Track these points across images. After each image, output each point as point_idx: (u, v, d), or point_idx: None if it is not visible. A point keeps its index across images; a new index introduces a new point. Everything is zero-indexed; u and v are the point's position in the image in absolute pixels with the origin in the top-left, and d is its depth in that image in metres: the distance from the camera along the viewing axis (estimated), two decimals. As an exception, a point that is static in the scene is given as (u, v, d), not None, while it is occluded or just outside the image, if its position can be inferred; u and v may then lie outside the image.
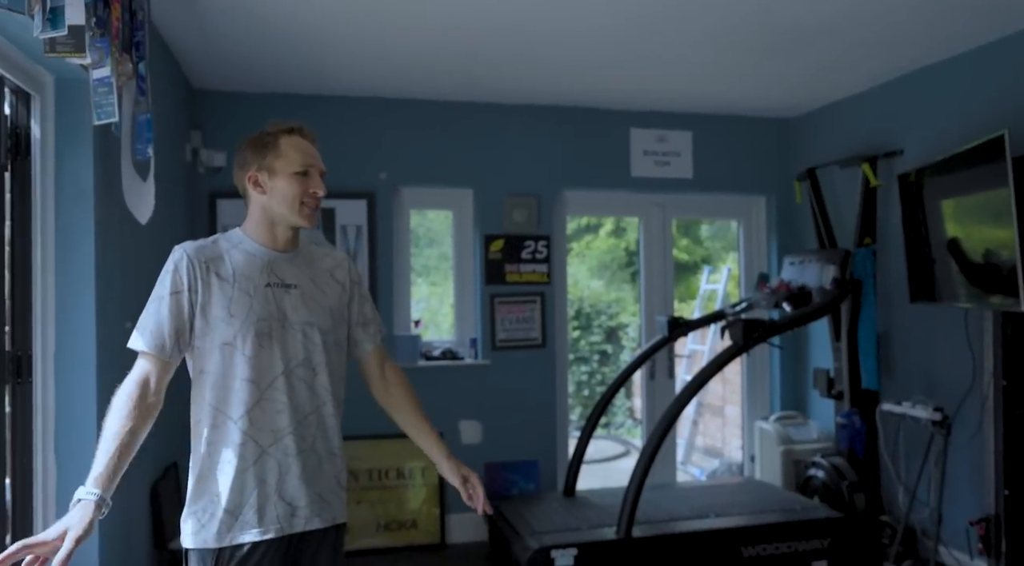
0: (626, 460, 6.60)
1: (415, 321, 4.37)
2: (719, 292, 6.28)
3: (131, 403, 1.64)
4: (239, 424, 1.72)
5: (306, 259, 1.88)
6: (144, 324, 1.71)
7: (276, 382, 1.75)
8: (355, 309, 1.94)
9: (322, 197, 1.83)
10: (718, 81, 3.99)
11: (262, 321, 1.74)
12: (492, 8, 2.97)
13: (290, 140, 1.81)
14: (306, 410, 1.79)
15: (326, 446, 1.83)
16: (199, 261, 1.73)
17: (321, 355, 1.82)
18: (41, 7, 1.68)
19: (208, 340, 1.73)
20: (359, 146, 4.19)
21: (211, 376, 1.73)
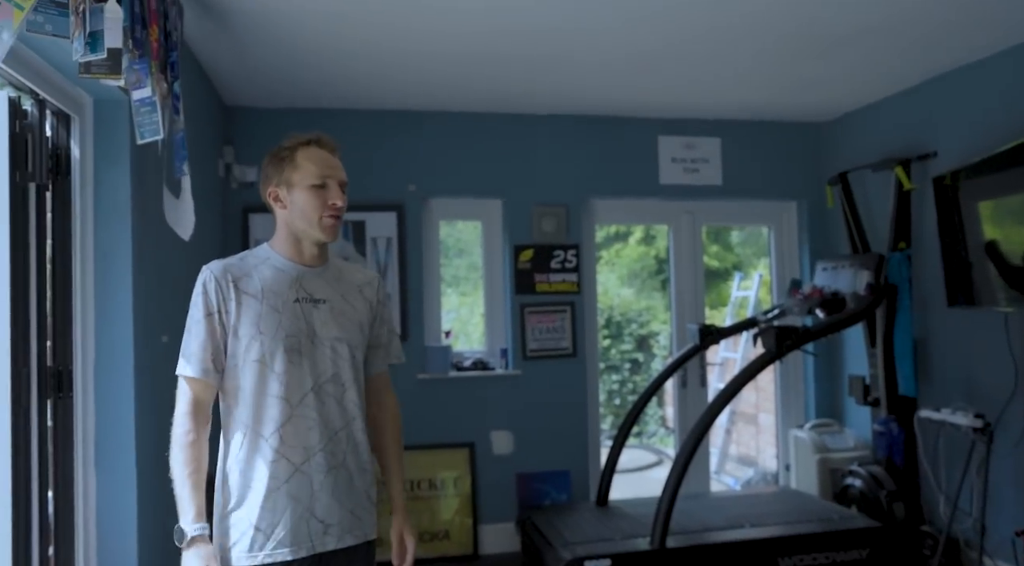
0: (659, 470, 6.54)
1: (446, 332, 4.39)
2: (751, 299, 6.21)
3: (190, 438, 1.68)
4: (270, 442, 1.72)
5: (335, 274, 1.88)
6: (187, 350, 1.73)
7: (306, 399, 1.75)
8: (375, 330, 1.93)
9: (342, 208, 1.80)
10: (748, 87, 3.96)
11: (291, 337, 1.74)
12: (520, 20, 2.99)
13: (307, 152, 1.79)
14: (336, 426, 1.78)
15: (357, 462, 1.83)
16: (226, 280, 1.74)
17: (350, 371, 1.82)
18: (82, 32, 1.72)
19: (239, 358, 1.73)
20: (388, 159, 4.23)
21: (242, 393, 1.73)
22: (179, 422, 1.70)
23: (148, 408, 2.45)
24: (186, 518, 1.64)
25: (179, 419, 1.70)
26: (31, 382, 2.13)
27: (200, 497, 1.66)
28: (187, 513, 1.64)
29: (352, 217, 4.16)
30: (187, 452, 1.67)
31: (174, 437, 1.69)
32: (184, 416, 1.70)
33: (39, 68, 2.10)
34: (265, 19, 2.90)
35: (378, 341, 1.94)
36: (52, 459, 2.22)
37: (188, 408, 1.70)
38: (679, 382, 4.67)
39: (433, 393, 4.20)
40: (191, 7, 2.71)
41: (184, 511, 1.65)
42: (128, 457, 2.35)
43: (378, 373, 1.96)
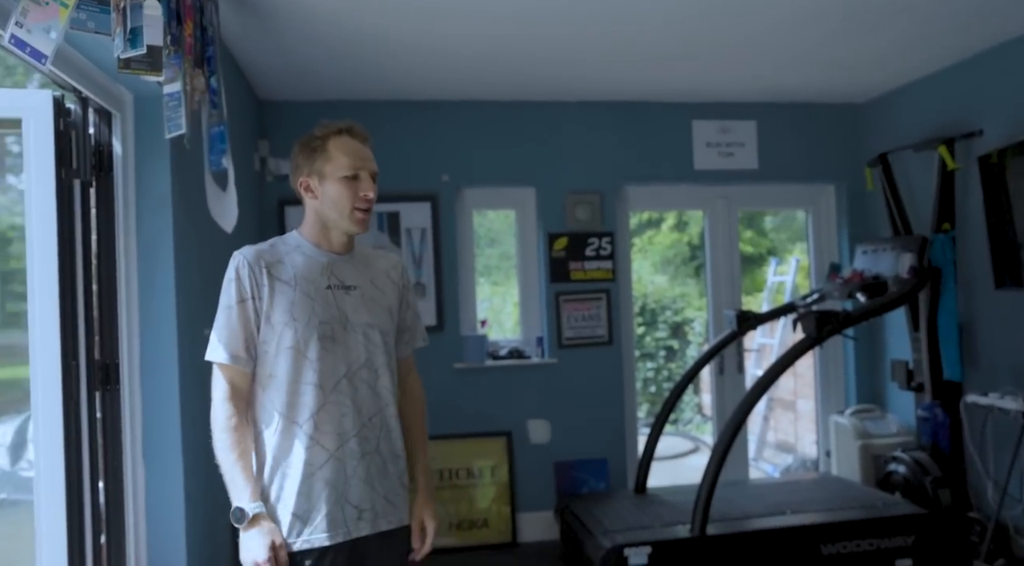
0: (695, 457, 6.51)
1: (481, 321, 4.39)
2: (788, 284, 6.13)
3: (233, 422, 1.70)
4: (304, 428, 1.73)
5: (363, 260, 1.89)
6: (218, 336, 1.74)
7: (340, 385, 1.75)
8: (401, 314, 1.94)
9: (373, 199, 1.79)
10: (784, 68, 3.89)
11: (324, 324, 1.75)
12: (555, 8, 2.96)
13: (339, 142, 1.79)
14: (370, 412, 1.79)
15: (390, 448, 1.84)
16: (259, 266, 1.75)
17: (382, 356, 1.82)
18: (122, 28, 1.74)
19: (272, 345, 1.74)
20: (421, 149, 4.23)
21: (275, 380, 1.74)
22: (218, 408, 1.72)
23: (192, 400, 2.49)
24: (242, 498, 1.66)
25: (218, 405, 1.72)
26: (80, 375, 2.18)
27: (251, 476, 1.69)
28: (243, 493, 1.66)
29: (386, 208, 4.18)
30: (232, 435, 1.69)
31: (215, 423, 1.71)
32: (223, 402, 1.72)
33: (81, 66, 2.13)
34: (297, 11, 2.91)
35: (404, 325, 1.95)
36: (102, 450, 2.27)
37: (226, 394, 1.72)
38: (716, 369, 4.63)
39: (470, 382, 4.21)
40: (225, 1, 2.73)
41: (239, 491, 1.67)
42: (175, 448, 2.40)
43: (403, 356, 1.97)
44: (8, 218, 2.92)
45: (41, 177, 2.09)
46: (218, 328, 1.74)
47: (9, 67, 4.30)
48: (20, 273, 2.75)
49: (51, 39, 1.38)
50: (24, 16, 1.38)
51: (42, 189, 2.09)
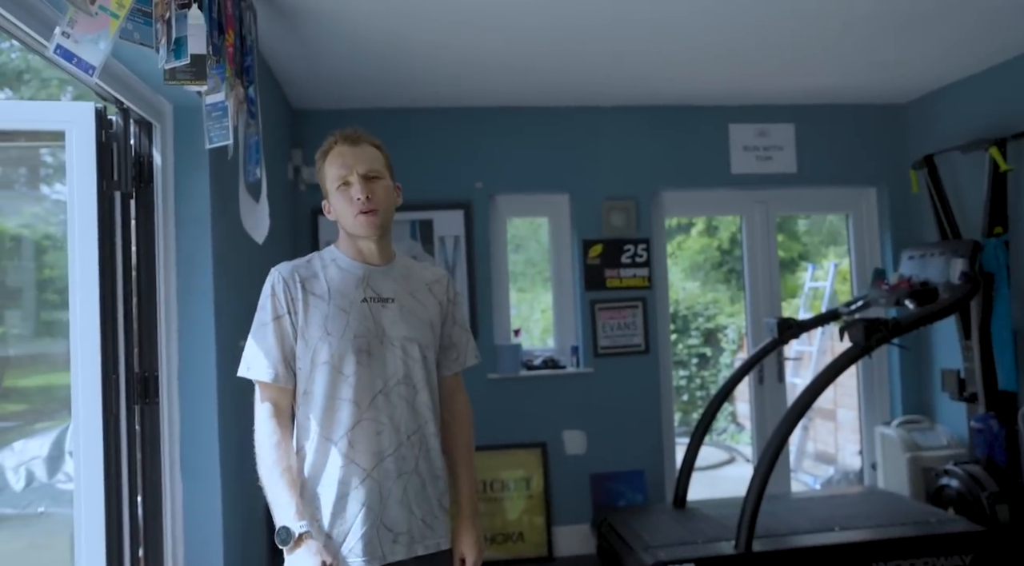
0: (731, 468, 6.39)
1: (515, 330, 4.33)
2: (826, 290, 6.00)
3: (275, 439, 1.66)
4: (339, 446, 1.67)
5: (403, 271, 1.83)
6: (255, 353, 1.70)
7: (376, 401, 1.69)
8: (445, 330, 1.87)
9: (364, 198, 1.70)
10: (824, 69, 3.80)
11: (359, 337, 1.69)
12: (584, 12, 2.91)
13: (331, 155, 1.76)
14: (408, 430, 1.73)
15: (429, 468, 1.76)
16: (294, 281, 1.71)
17: (421, 371, 1.76)
18: (167, 39, 1.71)
19: (307, 361, 1.70)
20: (454, 156, 4.19)
21: (310, 397, 1.70)
22: (261, 427, 1.68)
23: (229, 414, 2.46)
24: (287, 516, 1.60)
25: (261, 424, 1.68)
26: (120, 387, 2.15)
27: (297, 494, 1.63)
28: (287, 511, 1.60)
29: (420, 216, 4.14)
30: (275, 452, 1.64)
31: (259, 442, 1.67)
32: (265, 420, 1.68)
33: (122, 77, 2.11)
34: (331, 20, 2.88)
35: (450, 341, 1.88)
36: (140, 464, 2.24)
37: (268, 412, 1.68)
38: (755, 378, 4.52)
39: (504, 393, 4.15)
40: (261, 10, 2.71)
41: (284, 510, 1.61)
42: (212, 462, 2.36)
43: (450, 375, 1.90)
44: (43, 228, 2.91)
45: (83, 188, 2.07)
46: (255, 345, 1.70)
47: (44, 80, 4.33)
48: (54, 282, 2.74)
49: (100, 50, 1.35)
50: (71, 27, 1.34)
51: (83, 200, 2.07)
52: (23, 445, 3.04)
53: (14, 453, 3.09)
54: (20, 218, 2.94)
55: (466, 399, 1.94)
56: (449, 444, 1.87)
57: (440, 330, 1.85)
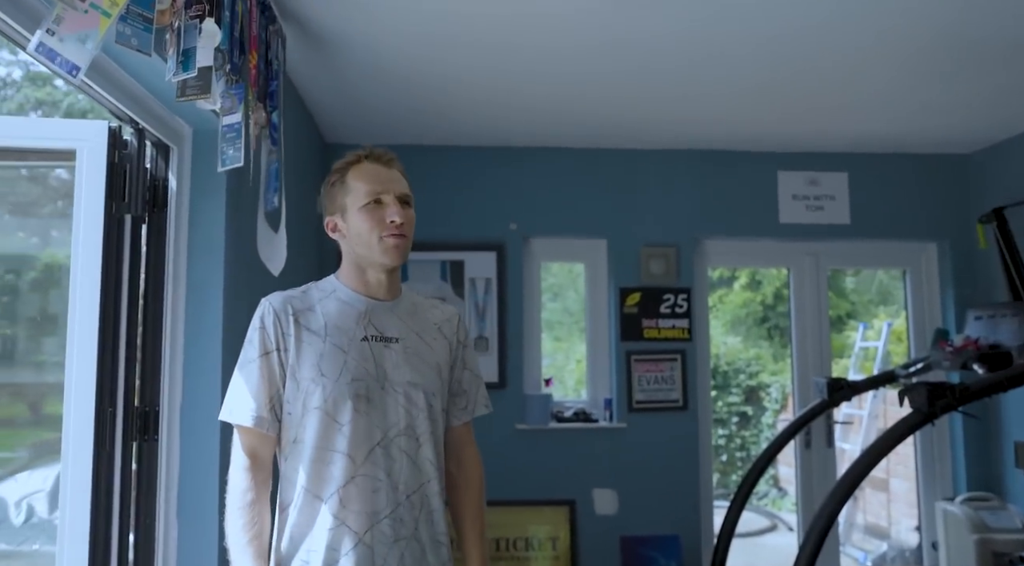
0: (774, 536, 6.01)
1: (546, 380, 4.13)
2: (878, 350, 5.68)
3: (249, 498, 1.46)
4: (329, 504, 1.46)
5: (409, 309, 1.64)
6: (238, 394, 1.52)
7: (373, 455, 1.49)
8: (454, 375, 1.67)
9: (403, 224, 1.55)
10: (880, 114, 3.60)
11: (357, 381, 1.50)
12: (626, 52, 2.78)
13: (357, 171, 1.60)
14: (408, 488, 1.51)
15: (430, 532, 1.55)
16: (285, 314, 1.53)
17: (425, 422, 1.55)
18: (175, 50, 1.62)
19: (297, 405, 1.50)
20: (488, 196, 4.07)
21: (298, 446, 1.51)
22: (234, 479, 1.48)
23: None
24: None
25: (234, 475, 1.49)
26: (116, 422, 2.01)
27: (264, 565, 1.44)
28: None
29: (451, 257, 4.01)
30: (246, 514, 1.44)
31: (229, 497, 1.47)
32: (240, 472, 1.48)
33: (139, 96, 2.03)
34: (364, 51, 2.80)
35: (459, 387, 1.68)
36: (135, 503, 2.09)
37: (245, 463, 1.48)
38: (802, 442, 4.23)
39: (532, 445, 3.93)
40: (294, 39, 2.64)
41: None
42: (211, 506, 2.19)
43: (458, 425, 1.69)
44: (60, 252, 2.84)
45: (89, 209, 1.97)
46: (237, 384, 1.52)
47: (53, 102, 4.33)
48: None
49: (86, 50, 1.24)
50: (58, 24, 1.24)
51: (89, 222, 1.97)
52: (27, 477, 2.94)
53: (18, 485, 2.99)
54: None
55: (476, 453, 1.73)
56: (456, 504, 1.67)
57: (449, 375, 1.66)
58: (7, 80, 12.54)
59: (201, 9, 1.68)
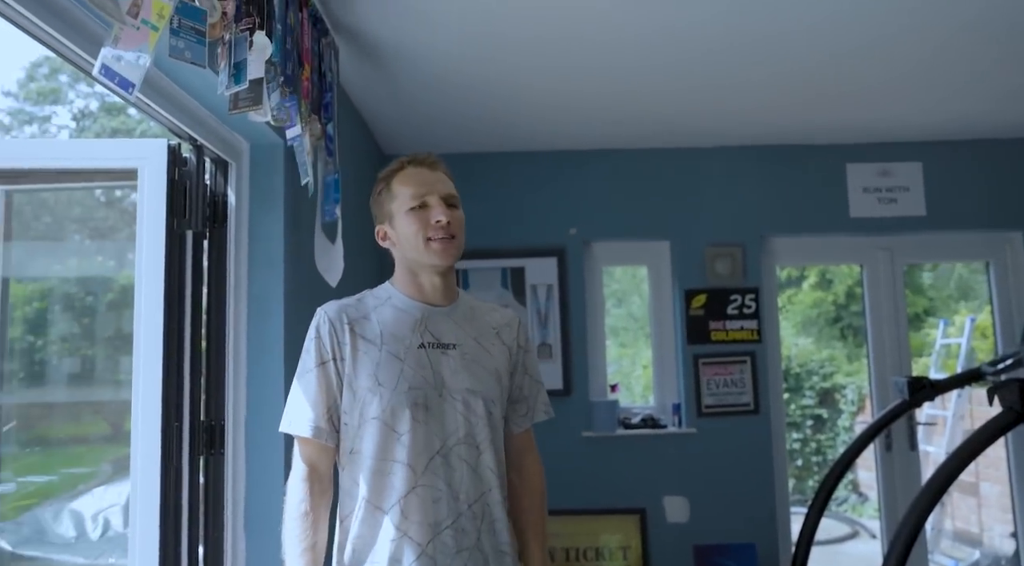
0: (855, 543, 5.76)
1: (612, 386, 4.05)
2: (961, 347, 5.40)
3: (304, 508, 1.45)
4: (390, 516, 1.43)
5: (467, 314, 1.60)
6: (296, 406, 1.51)
7: (432, 464, 1.45)
8: (515, 381, 1.63)
9: (449, 224, 1.52)
10: (958, 98, 3.41)
11: (415, 389, 1.46)
12: (687, 46, 2.69)
13: (401, 176, 1.58)
14: (469, 498, 1.48)
15: (493, 543, 1.50)
16: (341, 323, 1.51)
17: (485, 430, 1.51)
18: (227, 63, 1.62)
19: (354, 415, 1.48)
20: (548, 202, 4.02)
21: (357, 457, 1.48)
22: (292, 490, 1.47)
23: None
24: None
25: (292, 487, 1.48)
26: (183, 437, 2.03)
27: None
28: None
29: (511, 264, 3.97)
30: (301, 525, 1.43)
31: (287, 507, 1.46)
32: (298, 483, 1.47)
33: (196, 113, 2.05)
34: (417, 60, 2.79)
35: (520, 393, 1.64)
36: (203, 518, 2.10)
37: (303, 473, 1.47)
38: (883, 445, 4.04)
39: (599, 453, 3.85)
40: (347, 51, 2.64)
41: None
42: (277, 520, 2.14)
43: (519, 432, 1.65)
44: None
45: (152, 227, 2.00)
46: (296, 395, 1.51)
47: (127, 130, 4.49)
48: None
49: (140, 66, 1.24)
50: (115, 44, 1.24)
51: (152, 239, 1.99)
52: (103, 492, 3.02)
53: (94, 500, 3.08)
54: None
55: (537, 460, 1.68)
56: (517, 513, 1.62)
57: (509, 381, 1.61)
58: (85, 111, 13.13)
59: (251, 22, 1.68)
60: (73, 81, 12.28)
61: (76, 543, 2.78)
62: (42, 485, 3.31)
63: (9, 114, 12.62)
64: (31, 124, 12.60)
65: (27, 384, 3.38)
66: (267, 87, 1.70)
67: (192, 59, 1.43)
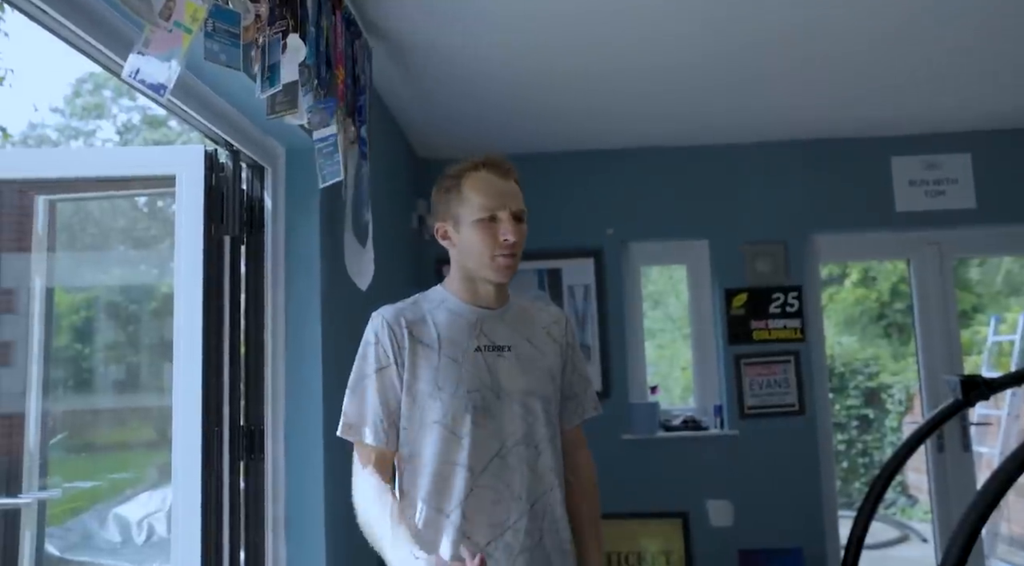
0: (905, 547, 5.61)
1: (652, 387, 3.98)
2: (1015, 345, 5.22)
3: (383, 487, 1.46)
4: (452, 519, 1.43)
5: (519, 315, 1.60)
6: (356, 411, 1.50)
7: (491, 466, 1.45)
8: (565, 378, 1.62)
9: (515, 243, 1.50)
10: (1006, 85, 3.29)
11: (474, 393, 1.46)
12: (723, 40, 2.63)
13: (474, 180, 1.54)
14: (531, 498, 1.47)
15: (555, 542, 1.50)
16: (399, 327, 1.51)
17: (544, 429, 1.51)
18: (261, 66, 1.62)
19: (414, 420, 1.48)
20: (584, 202, 3.97)
21: (418, 461, 1.47)
22: (362, 484, 1.47)
23: (336, 472, 2.29)
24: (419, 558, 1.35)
25: (361, 481, 1.48)
26: (223, 442, 2.04)
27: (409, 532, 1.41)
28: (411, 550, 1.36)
29: (547, 265, 3.93)
30: (383, 500, 1.43)
31: (360, 500, 1.46)
32: (365, 476, 1.48)
33: (232, 118, 2.05)
34: (449, 61, 2.77)
35: (570, 390, 1.64)
36: (244, 523, 2.10)
37: (371, 472, 1.47)
38: (935, 446, 3.91)
39: (640, 455, 3.79)
40: (381, 54, 2.64)
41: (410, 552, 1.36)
42: (317, 523, 2.19)
43: (569, 428, 1.64)
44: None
45: (190, 233, 2.01)
46: (355, 402, 1.50)
47: (168, 142, 4.60)
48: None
49: (171, 68, 1.23)
50: (146, 46, 1.24)
51: (191, 245, 2.00)
52: (147, 498, 3.05)
53: (139, 506, 3.11)
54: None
55: (589, 455, 1.67)
56: (574, 511, 1.60)
57: (561, 379, 1.61)
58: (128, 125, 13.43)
59: (285, 24, 1.67)
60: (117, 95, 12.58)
61: (122, 548, 2.82)
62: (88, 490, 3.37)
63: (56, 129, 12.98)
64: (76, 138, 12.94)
65: (74, 391, 3.45)
66: (301, 90, 1.69)
67: (227, 62, 1.43)
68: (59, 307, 2.66)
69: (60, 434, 2.74)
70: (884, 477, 3.42)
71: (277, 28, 1.64)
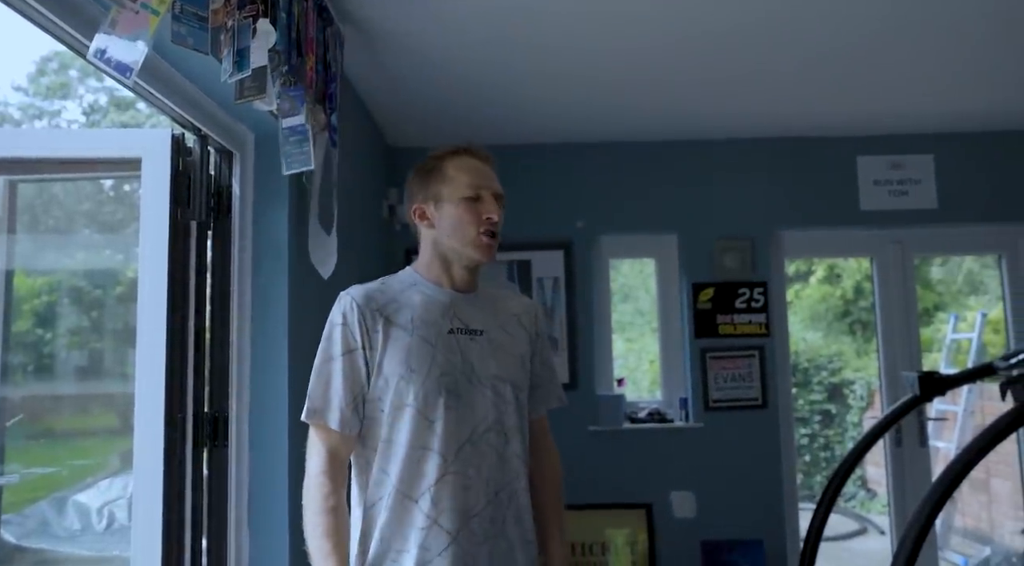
0: (863, 540, 5.73)
1: (618, 380, 4.02)
2: (972, 342, 5.35)
3: (331, 502, 1.42)
4: (421, 504, 1.42)
5: (489, 300, 1.61)
6: (318, 393, 1.48)
7: (463, 452, 1.45)
8: (534, 367, 1.63)
9: (498, 223, 1.53)
10: (971, 89, 3.37)
11: (446, 375, 1.45)
12: (695, 38, 2.66)
13: (458, 162, 1.56)
14: (497, 485, 1.47)
15: (520, 531, 1.50)
16: (370, 310, 1.49)
17: (514, 416, 1.52)
18: (230, 50, 1.60)
19: (385, 402, 1.46)
20: (554, 194, 3.99)
21: (387, 445, 1.46)
22: (314, 483, 1.44)
23: (301, 460, 2.28)
24: None
25: (314, 479, 1.45)
26: (186, 429, 2.02)
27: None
28: None
29: (517, 256, 3.94)
30: (329, 518, 1.40)
31: (310, 501, 1.43)
32: (320, 475, 1.44)
33: (200, 102, 2.03)
34: (421, 50, 2.76)
35: (537, 380, 1.64)
36: (206, 512, 2.09)
37: (324, 466, 1.45)
38: (893, 440, 4.00)
39: (606, 447, 3.83)
40: (353, 41, 2.62)
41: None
42: (281, 512, 2.18)
43: (535, 418, 1.65)
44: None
45: (155, 217, 1.99)
46: (319, 384, 1.48)
47: (137, 125, 4.51)
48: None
49: (138, 50, 1.22)
50: (112, 27, 1.22)
51: (155, 229, 1.98)
52: (108, 485, 3.01)
53: (100, 493, 3.07)
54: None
55: (553, 445, 1.69)
56: (538, 500, 1.61)
57: (529, 367, 1.62)
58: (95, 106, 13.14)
59: (255, 9, 1.66)
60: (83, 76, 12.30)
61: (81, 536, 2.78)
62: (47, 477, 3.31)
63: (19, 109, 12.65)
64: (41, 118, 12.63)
65: (35, 377, 3.38)
66: (271, 75, 1.68)
67: (194, 46, 1.41)
68: (19, 291, 2.61)
69: (16, 417, 2.69)
70: (842, 471, 3.50)
71: (247, 12, 1.62)
